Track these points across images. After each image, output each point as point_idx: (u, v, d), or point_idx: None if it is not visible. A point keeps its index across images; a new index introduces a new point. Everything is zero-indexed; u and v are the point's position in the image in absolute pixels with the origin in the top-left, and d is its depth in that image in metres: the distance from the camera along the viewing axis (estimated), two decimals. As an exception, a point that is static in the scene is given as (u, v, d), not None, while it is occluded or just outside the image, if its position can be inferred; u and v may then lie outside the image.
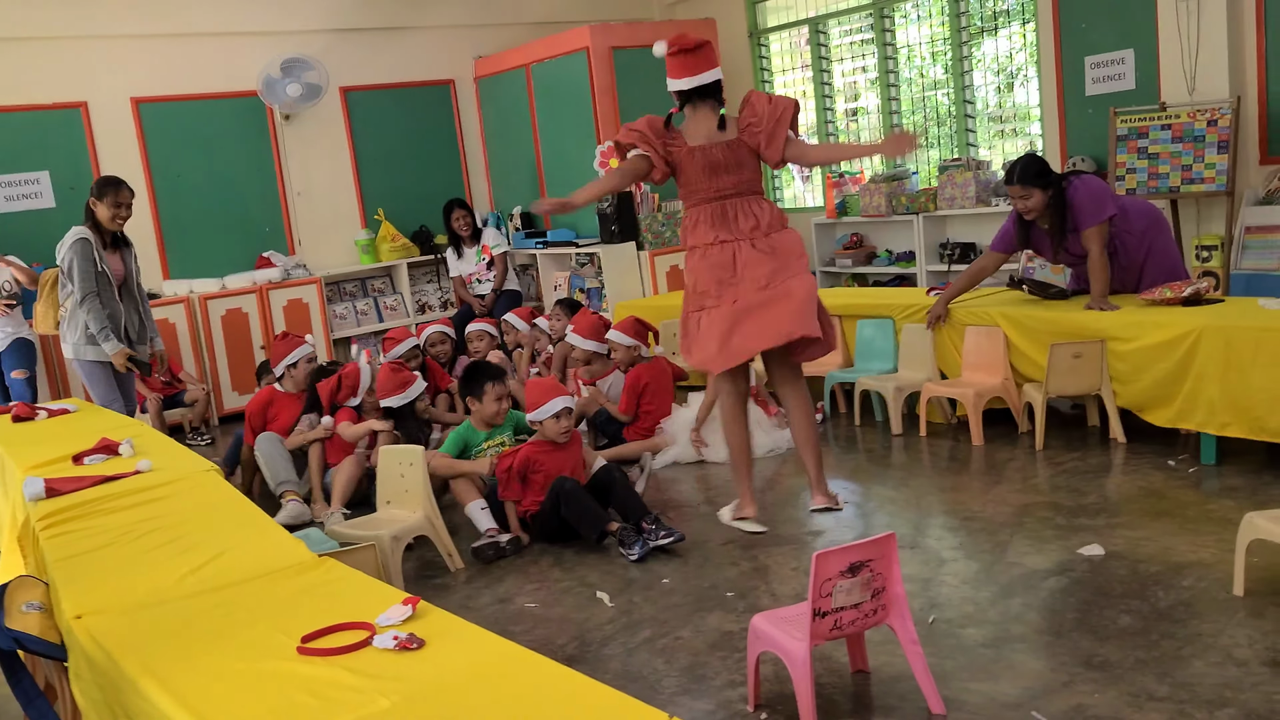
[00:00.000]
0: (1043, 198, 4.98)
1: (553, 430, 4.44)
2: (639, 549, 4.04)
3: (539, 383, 4.61)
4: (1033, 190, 4.98)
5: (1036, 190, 4.97)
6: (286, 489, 5.14)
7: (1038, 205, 5.00)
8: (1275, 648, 2.91)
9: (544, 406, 4.44)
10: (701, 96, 4.35)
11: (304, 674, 2.09)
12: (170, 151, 7.94)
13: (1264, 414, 4.19)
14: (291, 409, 5.57)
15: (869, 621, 2.80)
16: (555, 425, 4.43)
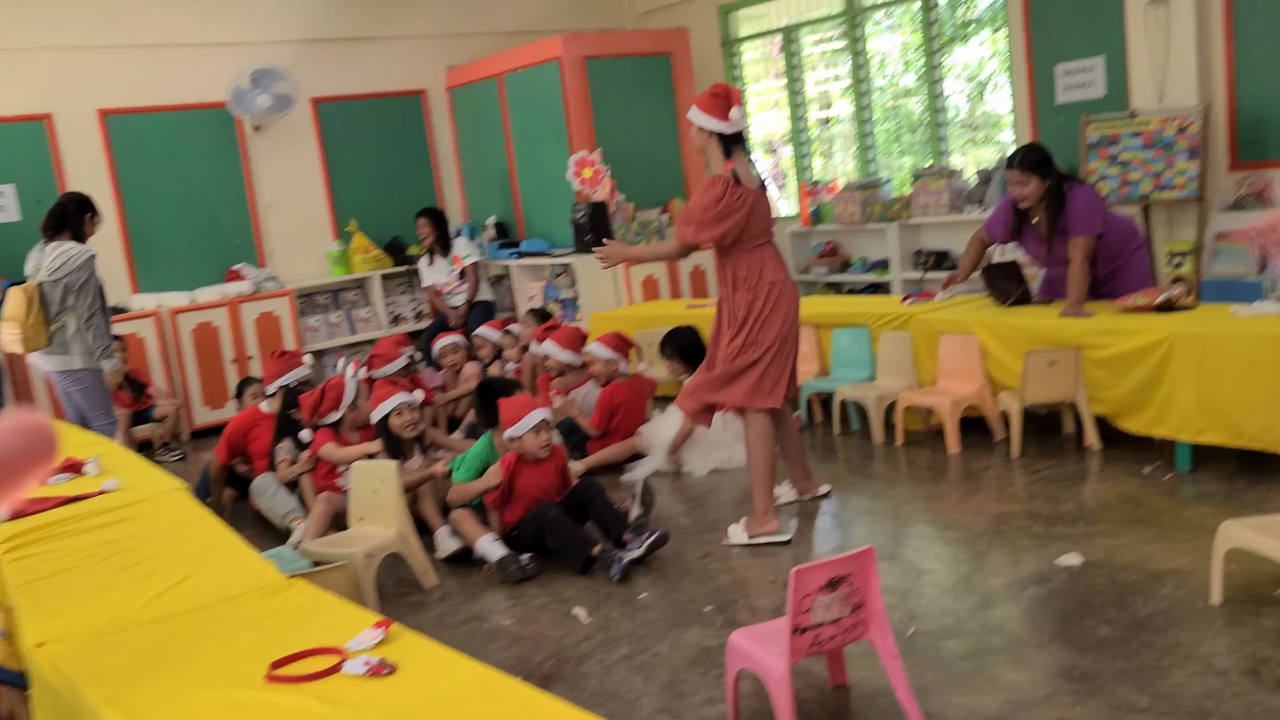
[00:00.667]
0: (1039, 187, 4.98)
1: (533, 445, 4.35)
2: (617, 569, 3.97)
3: (513, 400, 4.50)
4: (1030, 177, 4.98)
5: (1035, 178, 4.98)
6: (294, 517, 4.91)
7: (1033, 193, 5.00)
8: (1255, 657, 2.90)
9: (521, 421, 4.34)
10: (742, 139, 4.37)
11: (272, 703, 2.04)
12: (138, 164, 7.84)
13: (1240, 420, 4.21)
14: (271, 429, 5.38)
15: (849, 637, 2.77)
16: (535, 439, 4.35)
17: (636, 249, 4.63)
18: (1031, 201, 5.05)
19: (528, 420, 4.34)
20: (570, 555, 4.11)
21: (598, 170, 7.82)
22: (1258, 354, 4.13)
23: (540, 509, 4.24)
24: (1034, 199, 5.04)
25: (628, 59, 8.21)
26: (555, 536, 4.16)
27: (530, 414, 4.35)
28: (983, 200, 7.33)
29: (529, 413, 4.36)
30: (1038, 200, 5.05)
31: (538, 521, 4.20)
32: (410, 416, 4.91)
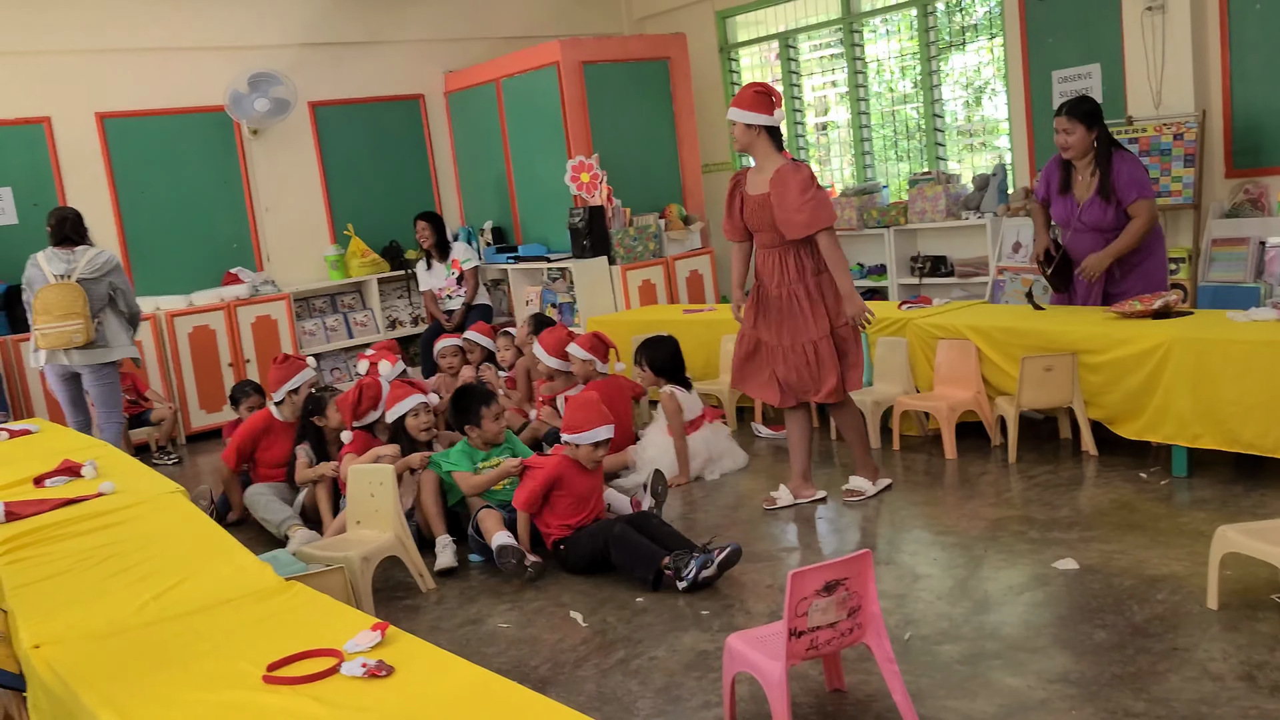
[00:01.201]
0: (1085, 137, 4.95)
1: (588, 457, 4.23)
2: (690, 574, 3.76)
3: (585, 403, 4.30)
4: (1076, 125, 4.95)
5: (1080, 127, 4.95)
6: (290, 524, 4.89)
7: (1077, 143, 4.96)
8: (1250, 661, 2.91)
9: (587, 433, 4.20)
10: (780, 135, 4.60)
11: (269, 704, 2.04)
12: (136, 167, 7.84)
13: (1236, 425, 4.21)
14: (287, 440, 5.26)
15: (845, 640, 2.77)
16: (591, 454, 4.23)
17: (841, 280, 4.40)
18: (1075, 153, 4.99)
19: (592, 434, 4.21)
20: (638, 569, 3.89)
21: (595, 175, 7.83)
22: (1254, 360, 4.14)
23: (605, 524, 4.08)
24: (1078, 150, 4.98)
25: (625, 64, 8.23)
26: (623, 551, 3.94)
27: (597, 429, 4.21)
28: (979, 206, 7.36)
29: (597, 426, 4.21)
30: (1082, 154, 4.99)
31: (602, 537, 4.01)
32: (426, 418, 4.86)
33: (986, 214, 7.27)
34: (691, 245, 8.31)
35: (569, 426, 4.24)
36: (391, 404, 4.87)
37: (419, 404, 4.86)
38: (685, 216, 8.40)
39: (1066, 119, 4.99)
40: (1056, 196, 5.18)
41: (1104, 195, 4.96)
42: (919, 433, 5.52)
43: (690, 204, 8.55)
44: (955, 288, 7.43)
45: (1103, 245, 5.02)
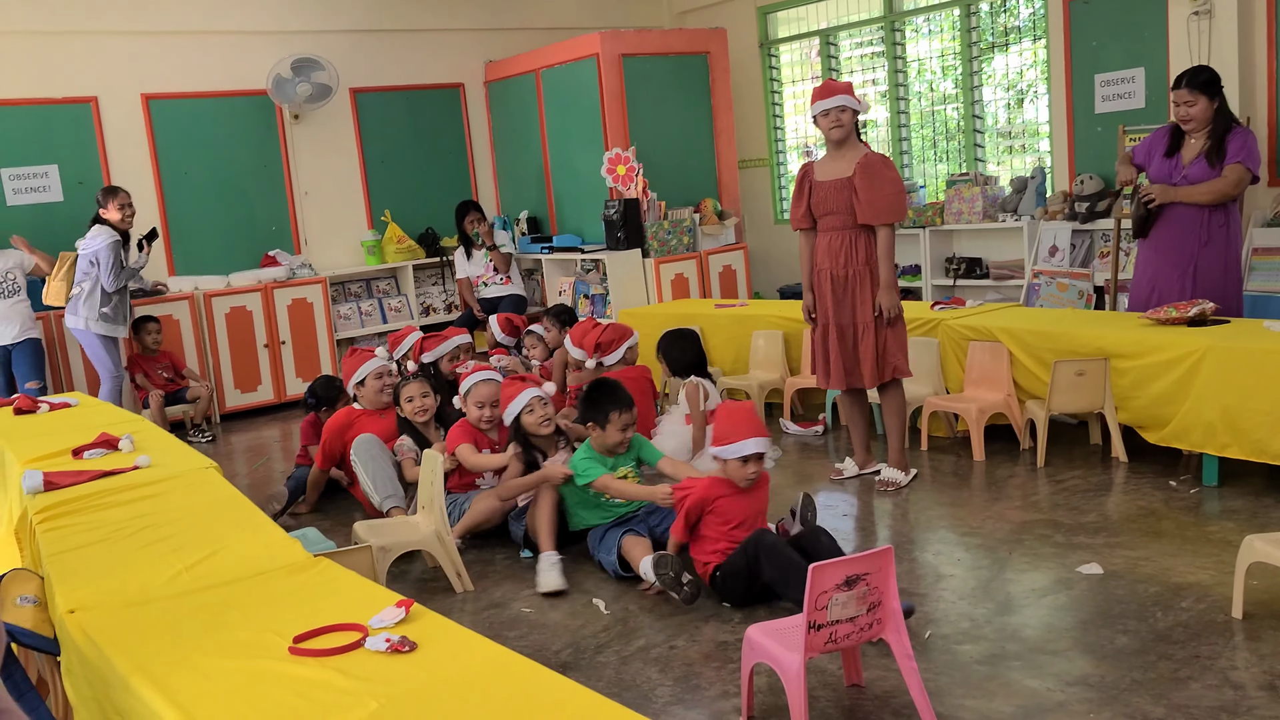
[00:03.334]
0: (1207, 107, 4.88)
1: (737, 474, 3.63)
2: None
3: (732, 412, 3.72)
4: (1199, 96, 4.87)
5: (1203, 98, 4.87)
6: (393, 505, 4.55)
7: (1200, 114, 4.89)
8: (1273, 671, 2.89)
9: (731, 445, 3.60)
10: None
11: (294, 674, 2.08)
12: (179, 148, 7.95)
13: (1265, 436, 4.18)
14: (374, 425, 4.97)
15: (864, 635, 2.78)
16: (741, 469, 3.61)
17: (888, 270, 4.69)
18: (1198, 124, 4.91)
19: (738, 448, 3.59)
20: (793, 588, 3.31)
21: (631, 168, 7.85)
22: (1288, 370, 4.10)
23: (756, 534, 3.55)
24: (1200, 121, 4.90)
25: (665, 58, 8.24)
26: (775, 564, 3.44)
27: (744, 441, 3.58)
28: (1017, 209, 7.31)
29: (745, 438, 3.58)
30: (1204, 124, 4.91)
31: (754, 549, 3.50)
32: (543, 411, 4.45)
33: (1024, 217, 7.22)
34: (726, 240, 8.31)
35: (715, 438, 3.69)
36: (505, 403, 4.49)
37: (533, 398, 4.46)
38: (720, 211, 8.40)
39: (1188, 91, 4.89)
40: (1160, 159, 5.08)
41: (1211, 159, 4.88)
42: (948, 434, 5.50)
43: (725, 199, 8.55)
44: (990, 290, 7.39)
45: (1196, 214, 4.94)
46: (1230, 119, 4.95)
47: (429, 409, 4.94)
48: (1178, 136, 5.06)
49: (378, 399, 5.14)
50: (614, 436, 4.17)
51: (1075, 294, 6.72)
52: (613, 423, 4.16)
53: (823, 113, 4.69)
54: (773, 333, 6.31)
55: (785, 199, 9.38)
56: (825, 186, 4.76)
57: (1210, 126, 4.93)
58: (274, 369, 7.92)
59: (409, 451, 4.81)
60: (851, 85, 4.78)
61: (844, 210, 4.72)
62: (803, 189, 4.86)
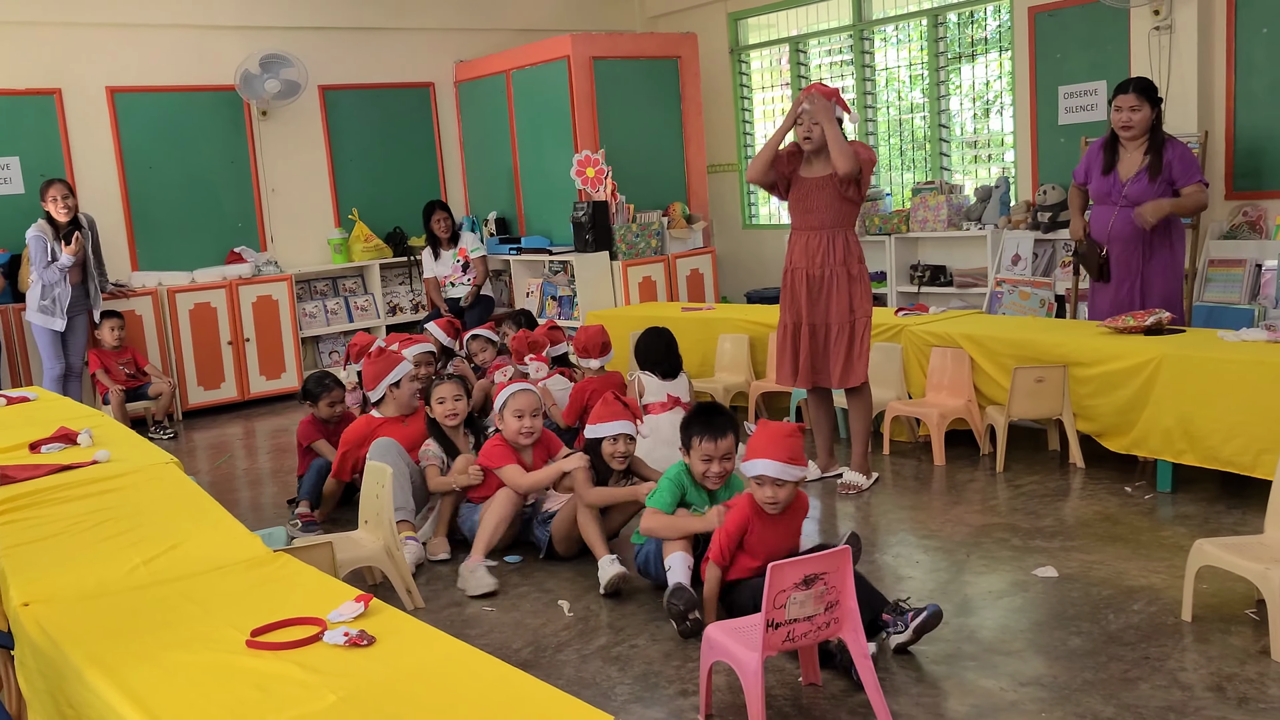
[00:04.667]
0: (1148, 116, 5.02)
1: (756, 493, 3.33)
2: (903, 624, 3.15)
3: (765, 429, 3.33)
4: (1144, 103, 5.00)
5: (1147, 105, 5.01)
6: (400, 520, 4.27)
7: (1142, 121, 5.01)
8: (1220, 673, 2.95)
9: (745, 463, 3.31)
10: None
11: (252, 668, 2.08)
12: (144, 142, 7.89)
13: (1218, 443, 4.26)
14: (399, 434, 4.68)
15: (821, 634, 2.81)
16: (758, 490, 3.31)
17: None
18: (1137, 130, 5.04)
19: (748, 466, 3.29)
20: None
21: (600, 170, 7.87)
22: (1240, 379, 4.18)
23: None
24: (1140, 128, 5.03)
25: (636, 61, 8.27)
26: None
27: (754, 460, 3.26)
28: (981, 218, 7.40)
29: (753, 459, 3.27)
30: (1143, 131, 5.04)
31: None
32: (627, 448, 4.15)
33: (988, 225, 7.31)
34: (694, 244, 8.35)
35: (747, 453, 3.33)
36: (595, 420, 4.19)
37: (622, 433, 4.13)
38: (688, 215, 8.44)
39: (1135, 96, 5.01)
40: (1098, 176, 5.21)
41: (1153, 174, 5.00)
42: (909, 438, 5.56)
43: (694, 203, 8.59)
44: (954, 298, 7.48)
45: (1135, 234, 5.05)
46: (1162, 130, 5.08)
47: (461, 412, 4.65)
48: (1111, 152, 5.16)
49: (410, 403, 4.85)
50: (696, 466, 3.67)
51: (1037, 302, 6.81)
52: (694, 449, 3.66)
53: (798, 123, 4.76)
54: (739, 336, 6.34)
55: (754, 204, 9.43)
56: (809, 183, 4.82)
57: (1147, 136, 5.05)
58: (238, 366, 7.87)
59: (434, 459, 4.55)
60: (838, 91, 4.81)
61: (823, 209, 4.79)
62: (792, 158, 4.86)
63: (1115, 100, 5.12)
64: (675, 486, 3.69)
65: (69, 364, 6.96)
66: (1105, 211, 5.19)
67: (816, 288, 4.85)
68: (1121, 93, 5.08)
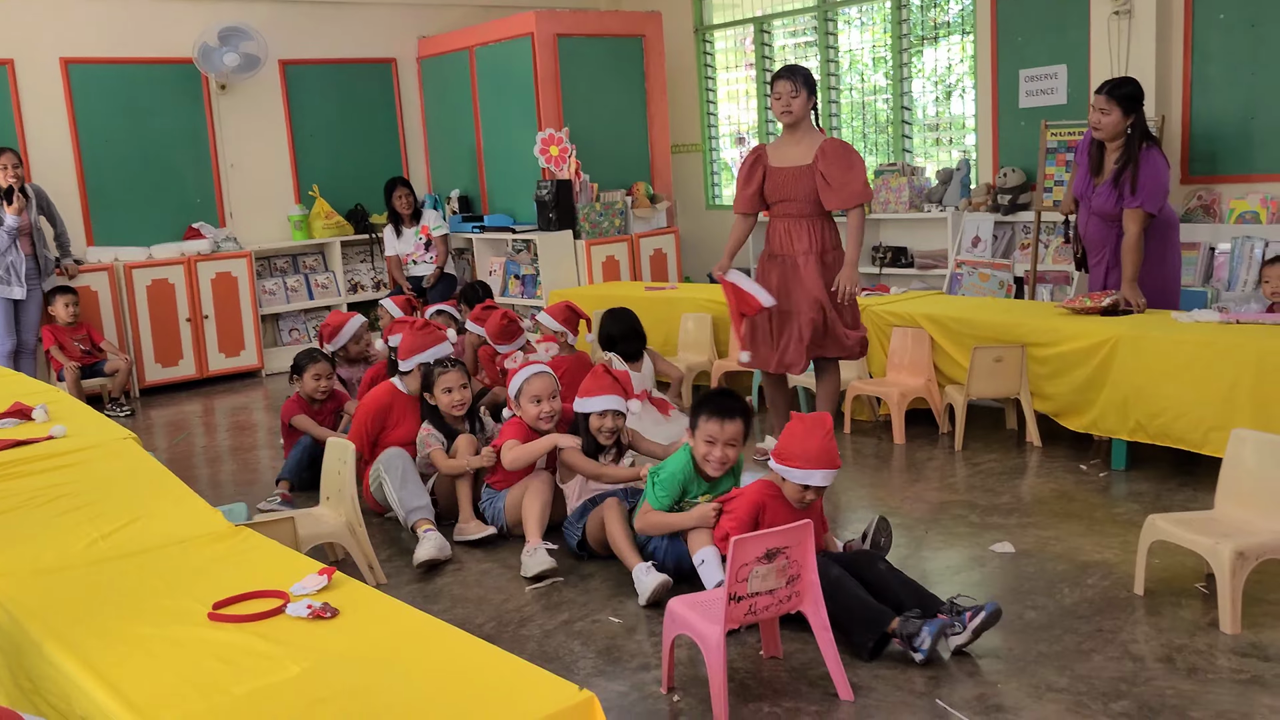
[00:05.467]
0: (1119, 121, 4.88)
1: (792, 494, 3.22)
2: (928, 635, 2.93)
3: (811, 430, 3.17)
4: (1114, 107, 4.87)
5: (1117, 110, 4.87)
6: (420, 518, 4.11)
7: (1111, 125, 4.89)
8: (1170, 645, 3.02)
9: (796, 471, 3.14)
10: None
11: (214, 640, 2.08)
12: (100, 115, 7.75)
13: (1171, 422, 4.34)
14: (414, 417, 4.57)
15: (783, 607, 2.84)
16: (797, 492, 3.20)
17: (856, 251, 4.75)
18: (1106, 134, 4.93)
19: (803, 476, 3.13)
20: (856, 631, 3.01)
21: (564, 149, 7.85)
22: (1192, 359, 4.26)
23: (820, 564, 2.96)
24: (1109, 132, 4.91)
25: (600, 39, 8.24)
26: (838, 601, 2.98)
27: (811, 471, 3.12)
28: (942, 200, 7.46)
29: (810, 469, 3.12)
30: (1112, 136, 4.93)
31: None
32: (615, 423, 4.06)
33: (948, 208, 7.37)
34: (657, 224, 8.35)
35: (780, 451, 3.19)
36: (584, 393, 4.10)
37: (610, 408, 4.03)
38: (652, 195, 8.44)
39: (1105, 98, 4.90)
40: (1080, 173, 5.16)
41: (1117, 183, 4.90)
42: (870, 417, 5.62)
43: (658, 183, 8.59)
44: (915, 279, 7.54)
45: (1106, 231, 5.01)
46: (1144, 137, 4.91)
47: (467, 402, 4.54)
48: (1099, 151, 5.08)
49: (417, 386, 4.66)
50: (699, 448, 3.53)
51: (996, 284, 6.88)
52: (699, 429, 3.53)
53: (775, 96, 4.74)
54: (701, 315, 6.36)
55: (717, 185, 9.44)
56: (783, 173, 4.77)
57: (1123, 141, 4.93)
58: (196, 344, 7.78)
59: (436, 442, 4.39)
60: (810, 71, 4.82)
61: (802, 198, 4.74)
62: (755, 173, 4.85)
63: (1091, 98, 5.07)
64: (676, 486, 3.54)
65: (21, 340, 6.85)
66: (1083, 209, 5.19)
67: (792, 274, 4.82)
68: (1097, 91, 5.02)
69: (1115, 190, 4.92)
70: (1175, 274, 5.14)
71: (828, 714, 2.77)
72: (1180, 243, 5.18)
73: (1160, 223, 4.96)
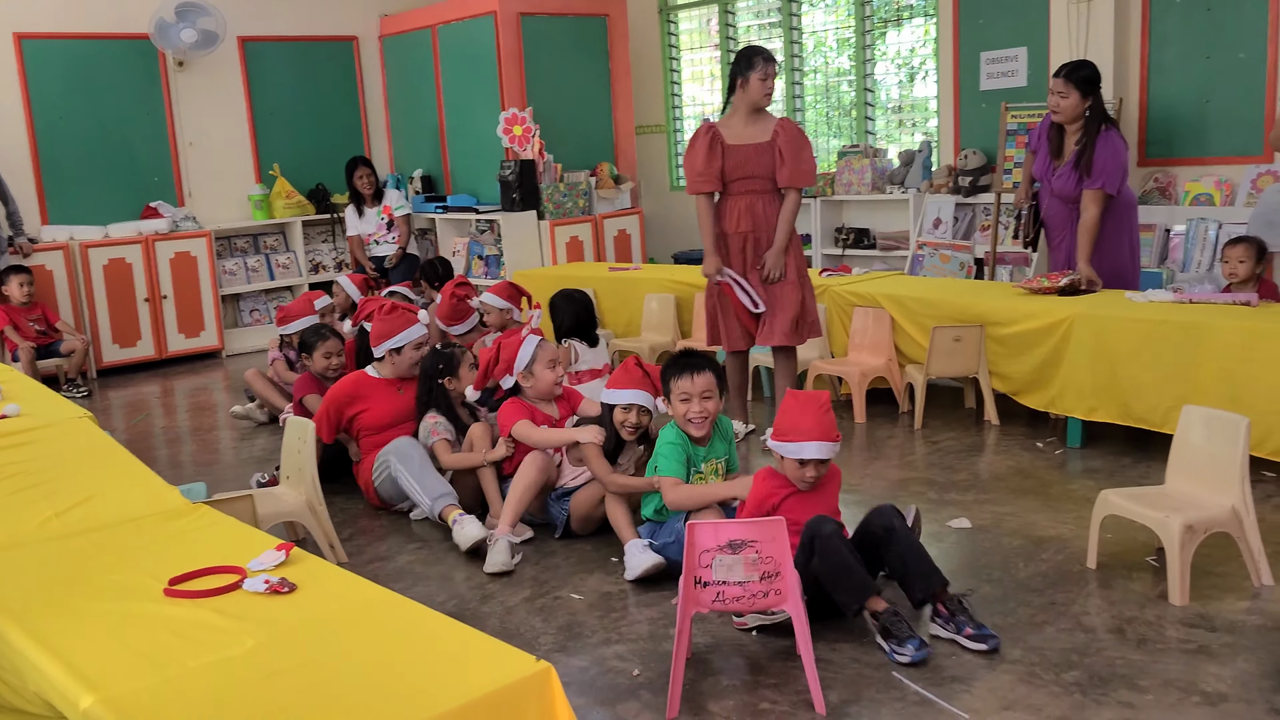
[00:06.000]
0: (1078, 104, 4.94)
1: (794, 474, 3.15)
2: (912, 649, 2.83)
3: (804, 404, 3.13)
4: (1071, 90, 4.93)
5: (1075, 93, 4.93)
6: (447, 504, 3.96)
7: (1069, 109, 4.96)
8: (1121, 616, 3.08)
9: (790, 445, 3.08)
10: None
11: (170, 615, 2.07)
12: (54, 91, 7.62)
13: (1128, 400, 4.41)
14: (389, 402, 4.45)
15: (759, 603, 2.76)
16: (798, 471, 3.13)
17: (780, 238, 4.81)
18: (1064, 117, 4.99)
19: (796, 449, 3.07)
20: (842, 591, 2.95)
21: (528, 129, 7.81)
22: (1146, 338, 4.33)
23: (815, 522, 3.00)
24: (1067, 115, 4.97)
25: (564, 18, 8.20)
26: (827, 559, 2.94)
27: (804, 444, 3.06)
28: (904, 182, 7.51)
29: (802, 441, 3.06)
30: (1071, 119, 4.99)
31: (809, 535, 3.01)
32: (639, 419, 3.82)
33: (910, 190, 7.42)
34: (621, 205, 8.35)
35: (776, 429, 3.16)
36: (613, 385, 3.86)
37: (636, 403, 3.79)
38: (616, 176, 8.43)
39: (1063, 82, 4.96)
40: (1041, 156, 5.20)
41: (1079, 165, 4.95)
42: (831, 396, 5.64)
43: (622, 163, 8.58)
44: (877, 260, 7.59)
45: (1068, 213, 5.08)
46: (1103, 120, 4.98)
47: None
48: (1059, 134, 5.12)
49: (410, 371, 4.52)
50: (676, 409, 3.52)
51: (957, 265, 6.94)
52: (673, 392, 3.51)
53: (763, 77, 4.75)
54: (665, 296, 6.37)
55: (681, 166, 9.44)
56: (743, 150, 4.79)
57: (1082, 123, 4.99)
58: (155, 324, 7.69)
59: (445, 431, 4.24)
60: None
61: (765, 174, 4.79)
62: (715, 150, 4.81)
63: (1050, 82, 5.13)
64: (679, 450, 3.48)
65: None
66: (1045, 191, 5.24)
67: (754, 252, 4.85)
68: (1055, 75, 5.07)
69: (1076, 172, 4.98)
70: (1135, 255, 5.21)
71: (784, 685, 2.79)
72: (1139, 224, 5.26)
73: (1119, 204, 5.02)
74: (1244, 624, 3.00)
